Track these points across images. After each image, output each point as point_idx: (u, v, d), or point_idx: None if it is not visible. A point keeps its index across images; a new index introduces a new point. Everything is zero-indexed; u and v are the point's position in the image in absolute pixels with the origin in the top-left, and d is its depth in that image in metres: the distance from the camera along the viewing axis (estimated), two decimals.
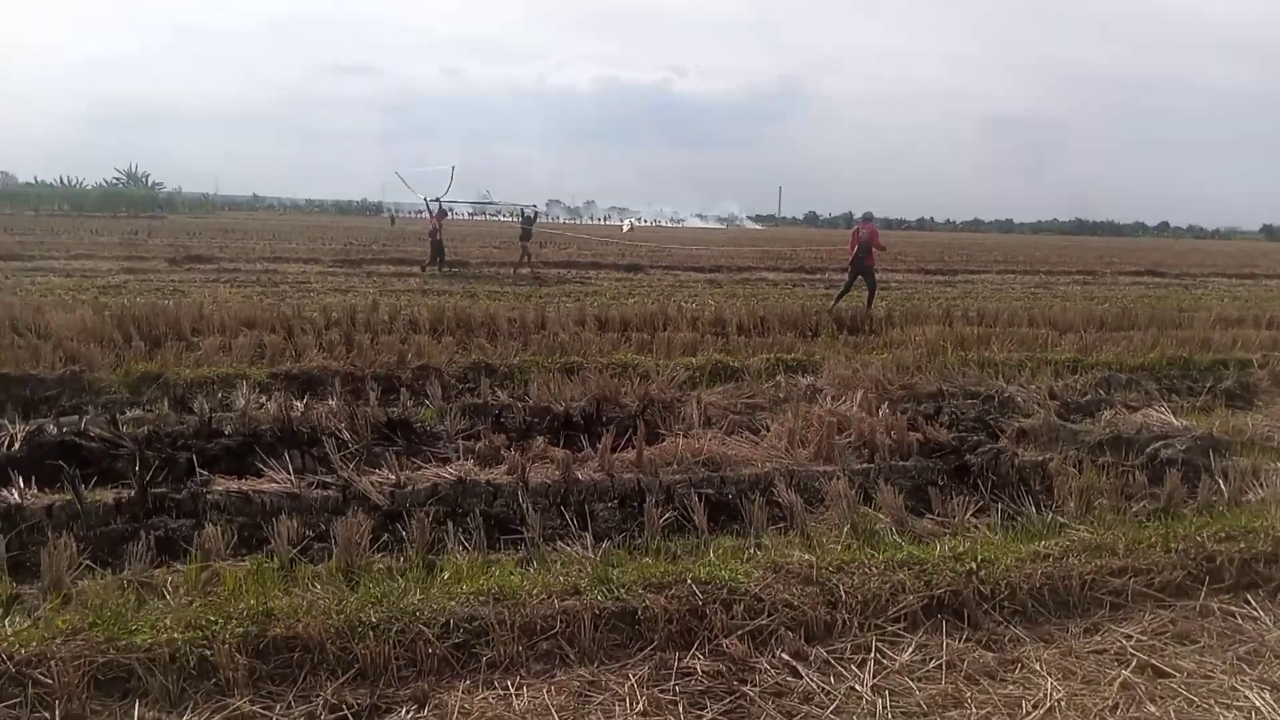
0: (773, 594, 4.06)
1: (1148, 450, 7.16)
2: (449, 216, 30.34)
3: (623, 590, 4.03)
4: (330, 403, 7.59)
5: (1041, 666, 3.79)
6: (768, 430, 7.30)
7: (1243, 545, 4.78)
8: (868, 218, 17.96)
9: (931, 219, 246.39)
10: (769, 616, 3.97)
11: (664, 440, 6.89)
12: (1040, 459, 6.69)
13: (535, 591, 3.95)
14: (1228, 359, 11.42)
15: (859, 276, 17.41)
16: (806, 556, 4.41)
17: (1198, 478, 6.47)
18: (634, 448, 6.72)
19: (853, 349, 11.36)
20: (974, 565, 4.40)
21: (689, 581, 4.09)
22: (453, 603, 3.81)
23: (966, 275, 30.79)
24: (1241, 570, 4.64)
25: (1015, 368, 10.47)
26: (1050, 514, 5.67)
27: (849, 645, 3.89)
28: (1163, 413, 8.25)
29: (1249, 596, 4.49)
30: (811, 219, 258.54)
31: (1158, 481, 6.38)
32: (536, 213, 37.62)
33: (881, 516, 5.54)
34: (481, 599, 3.86)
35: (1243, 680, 3.75)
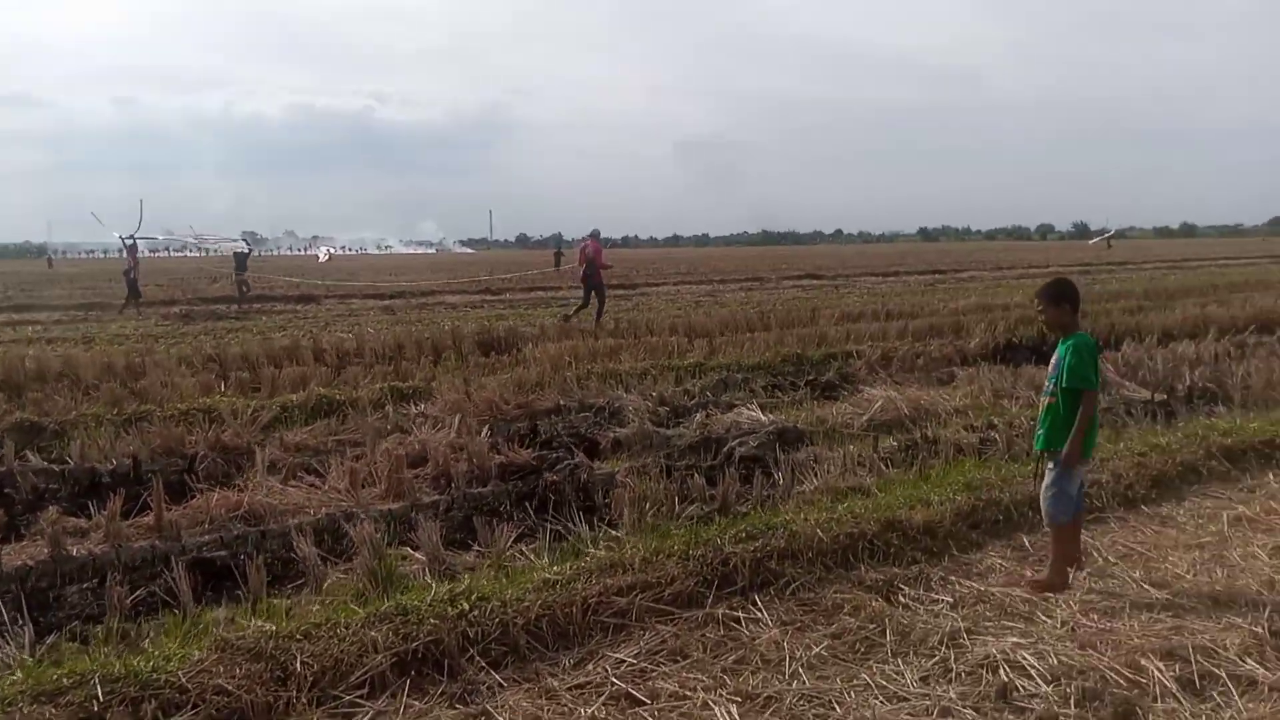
0: (204, 681, 3.38)
1: (725, 449, 7.23)
2: (141, 253, 27.63)
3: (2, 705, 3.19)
4: None
5: (507, 715, 3.40)
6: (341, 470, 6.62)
7: (759, 544, 4.71)
8: (595, 235, 18.71)
9: (635, 236, 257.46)
10: (193, 710, 3.29)
11: (194, 497, 6.03)
12: (611, 471, 6.50)
13: None
14: (838, 352, 12.13)
15: (592, 290, 17.76)
16: (267, 626, 3.77)
17: (767, 472, 6.58)
18: (176, 507, 5.87)
19: (482, 370, 10.94)
20: (466, 606, 3.96)
21: (95, 681, 3.32)
22: None
23: (646, 288, 31.70)
24: (754, 571, 4.55)
25: (639, 376, 10.50)
26: (604, 529, 5.44)
27: None
28: (753, 410, 8.44)
29: (756, 598, 4.38)
30: (523, 241, 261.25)
31: (735, 481, 6.40)
32: (250, 249, 37.04)
33: (419, 556, 5.04)
34: None
35: (720, 694, 3.55)
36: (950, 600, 4.43)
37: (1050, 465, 4.65)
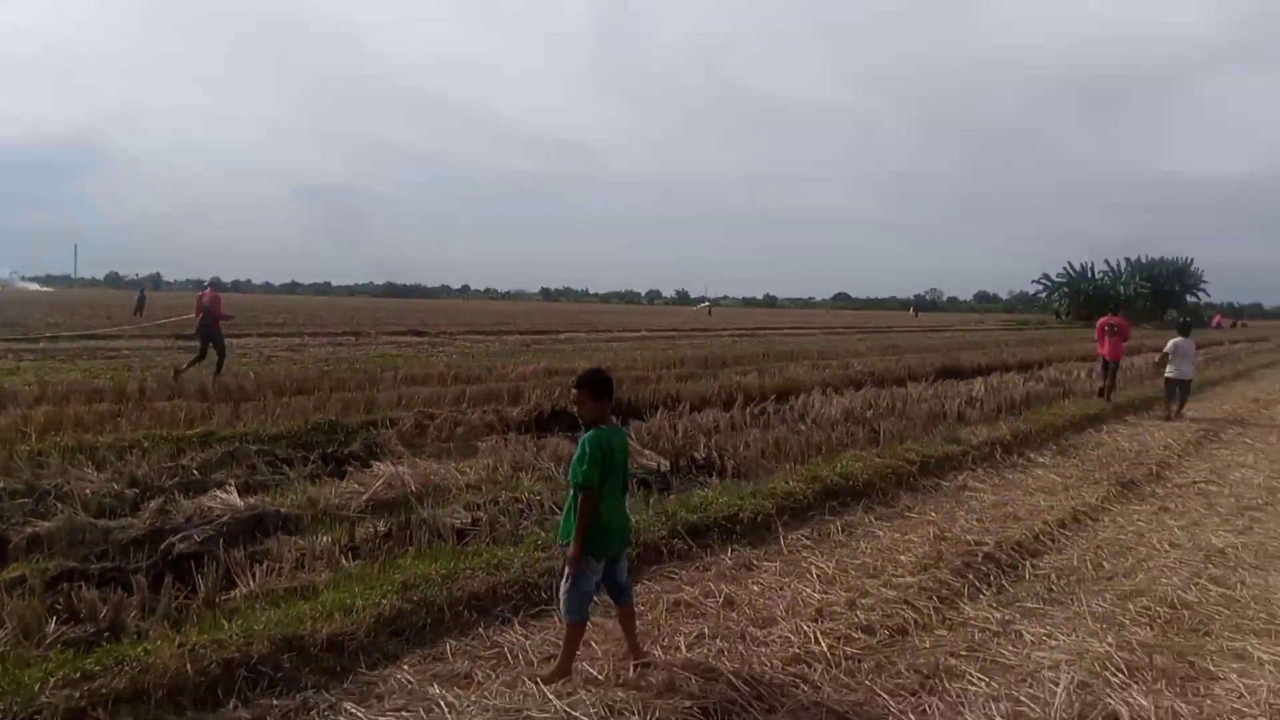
0: None
1: (162, 546, 6.16)
2: None
3: None
4: None
5: None
6: None
7: (94, 686, 3.79)
8: (214, 283, 18.26)
9: (249, 281, 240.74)
10: None
11: None
12: None
13: None
14: (379, 419, 11.40)
15: (209, 343, 17.05)
16: None
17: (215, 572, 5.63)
18: None
19: None
20: None
21: None
22: None
23: (230, 339, 28.93)
24: None
25: (126, 450, 9.02)
26: None
27: None
28: (229, 493, 7.44)
29: None
30: (114, 280, 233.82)
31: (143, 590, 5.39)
32: None
33: None
34: None
35: None
36: None
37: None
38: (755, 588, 6.00)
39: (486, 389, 14.59)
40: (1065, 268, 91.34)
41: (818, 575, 6.28)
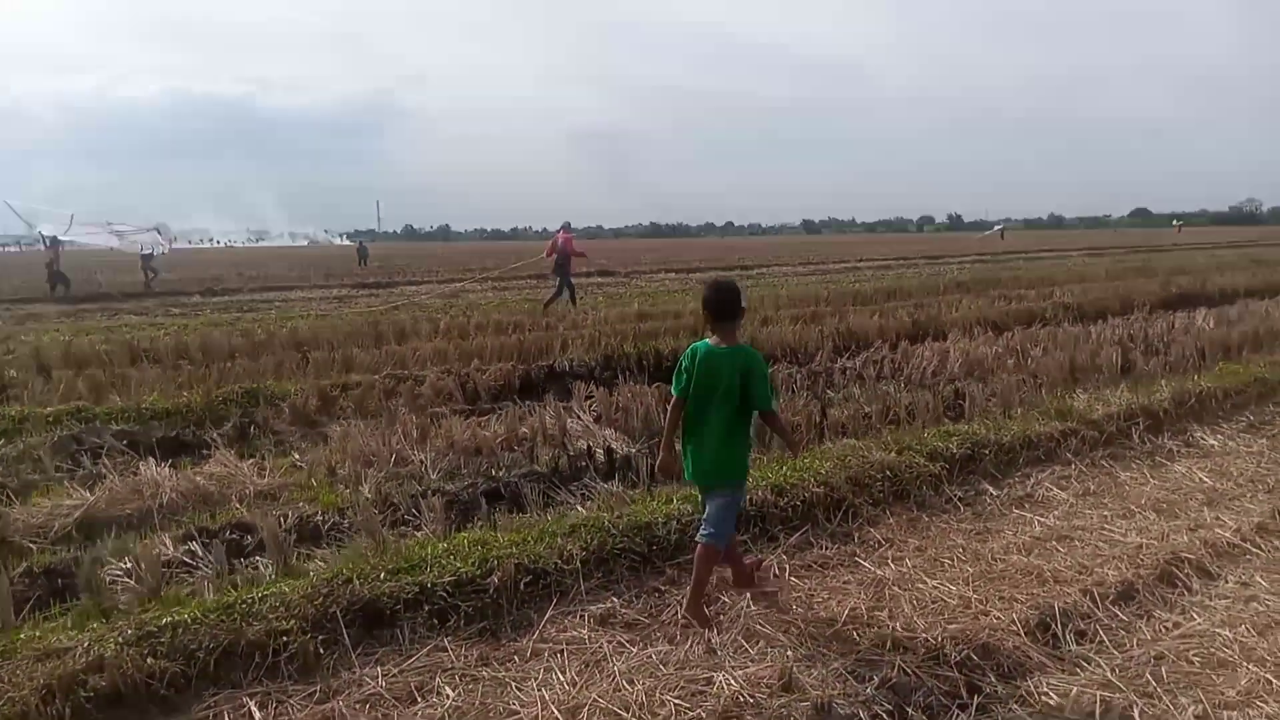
0: None
1: None
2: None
3: None
4: None
5: None
6: None
7: None
8: (566, 227, 19.54)
9: (529, 228, 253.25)
10: None
11: None
12: None
13: None
14: (331, 386, 9.31)
15: (565, 279, 18.16)
16: None
17: None
18: None
19: None
20: None
21: None
22: None
23: (404, 286, 28.65)
24: None
25: None
26: None
27: None
28: None
29: None
30: (410, 233, 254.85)
31: None
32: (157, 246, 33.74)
33: None
34: None
35: None
36: None
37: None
38: None
39: (518, 341, 12.12)
40: None
41: None
